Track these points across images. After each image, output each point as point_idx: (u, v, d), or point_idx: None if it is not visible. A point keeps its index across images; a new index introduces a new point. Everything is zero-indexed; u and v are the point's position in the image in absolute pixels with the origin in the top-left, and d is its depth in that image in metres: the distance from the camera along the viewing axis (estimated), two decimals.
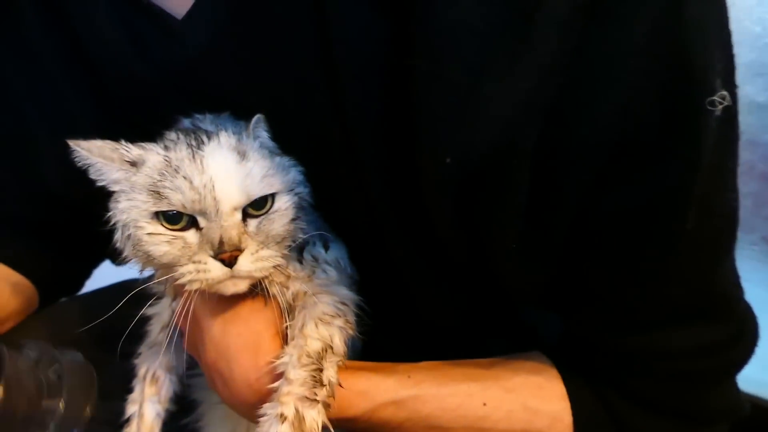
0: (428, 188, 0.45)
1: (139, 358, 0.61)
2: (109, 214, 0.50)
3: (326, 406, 0.46)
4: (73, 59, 0.56)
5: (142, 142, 0.49)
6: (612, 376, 0.52)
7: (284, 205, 0.49)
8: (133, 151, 0.48)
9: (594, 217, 0.43)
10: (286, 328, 0.50)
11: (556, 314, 0.57)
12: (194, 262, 0.46)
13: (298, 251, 0.53)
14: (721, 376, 0.52)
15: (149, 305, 0.58)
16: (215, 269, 0.45)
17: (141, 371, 0.61)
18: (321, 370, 0.47)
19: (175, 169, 0.46)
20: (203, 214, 0.46)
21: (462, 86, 0.39)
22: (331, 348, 0.48)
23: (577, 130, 0.39)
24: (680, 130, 0.39)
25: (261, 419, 0.46)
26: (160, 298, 0.59)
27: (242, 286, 0.47)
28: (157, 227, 0.47)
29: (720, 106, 0.38)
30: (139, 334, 0.61)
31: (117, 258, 0.78)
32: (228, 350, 0.50)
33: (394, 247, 0.52)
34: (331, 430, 0.46)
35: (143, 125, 0.51)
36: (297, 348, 0.47)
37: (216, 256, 0.45)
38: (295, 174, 0.51)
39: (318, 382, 0.46)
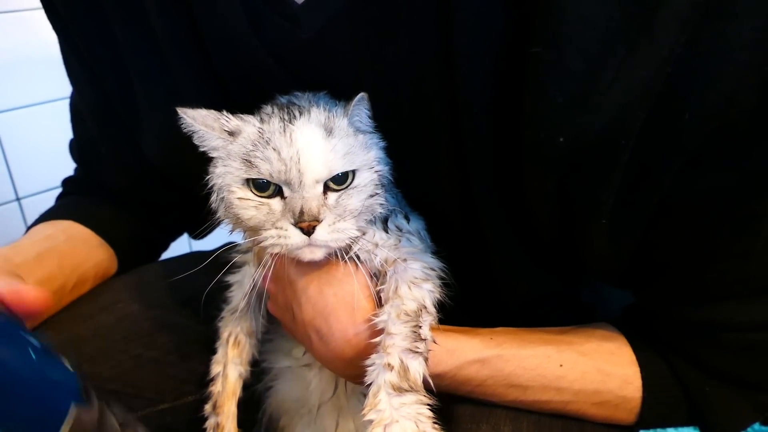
0: (534, 166, 0.48)
1: (222, 322, 0.66)
2: (207, 177, 0.55)
3: (425, 359, 0.49)
4: (186, 38, 0.59)
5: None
6: (680, 344, 0.55)
7: (363, 181, 0.52)
8: (232, 121, 0.52)
9: (682, 196, 0.45)
10: (377, 291, 0.53)
11: (617, 292, 0.61)
12: (276, 228, 0.49)
13: (383, 222, 0.56)
14: None
15: (231, 273, 0.64)
16: (294, 236, 0.49)
17: (224, 335, 0.65)
18: (419, 327, 0.49)
19: (267, 141, 0.49)
20: (288, 184, 0.49)
21: (581, 74, 0.42)
22: (425, 308, 0.51)
23: (681, 115, 0.42)
24: None
25: (369, 368, 0.49)
26: (241, 266, 0.64)
27: (318, 254, 0.51)
28: (247, 193, 0.51)
29: None
30: (215, 301, 0.66)
31: (194, 231, 0.82)
32: (326, 308, 0.53)
33: (487, 226, 0.55)
34: (431, 382, 0.48)
35: (245, 103, 0.55)
36: (394, 307, 0.50)
37: (296, 224, 0.48)
38: (377, 152, 0.53)
39: (417, 336, 0.49)
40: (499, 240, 0.56)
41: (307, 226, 0.48)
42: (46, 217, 0.75)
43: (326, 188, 0.51)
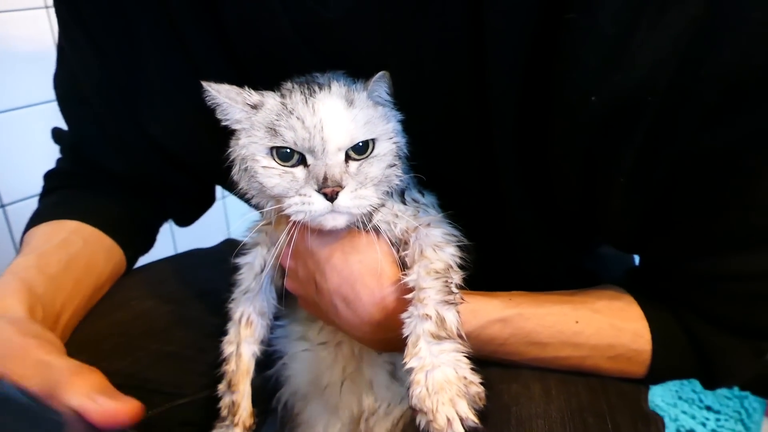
0: (564, 128, 0.50)
1: (233, 303, 0.66)
2: (229, 150, 0.56)
3: (458, 312, 0.51)
4: (208, 19, 0.61)
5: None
6: (687, 297, 0.58)
7: (383, 151, 0.54)
8: (254, 95, 0.54)
9: (693, 152, 0.48)
10: (401, 257, 0.56)
11: (615, 261, 0.65)
12: (300, 195, 0.51)
13: (399, 195, 0.58)
14: None
15: (242, 255, 0.65)
16: (318, 202, 0.51)
17: (236, 315, 0.66)
18: (449, 281, 0.52)
19: (290, 111, 0.51)
20: (311, 152, 0.51)
21: (614, 37, 0.45)
22: (452, 267, 0.53)
23: (699, 74, 0.45)
24: None
25: (406, 320, 0.51)
26: (251, 248, 0.65)
27: (340, 221, 0.52)
28: (271, 162, 0.52)
29: None
30: (228, 294, 0.67)
31: (183, 218, 0.85)
32: (351, 275, 0.55)
33: (507, 196, 0.57)
34: (464, 336, 0.50)
35: (264, 84, 0.57)
36: (423, 267, 0.52)
37: (320, 190, 0.50)
38: (395, 124, 0.55)
39: (449, 290, 0.51)
40: (518, 210, 0.58)
41: (330, 191, 0.50)
42: (46, 216, 0.74)
43: (347, 158, 0.53)
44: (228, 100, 0.54)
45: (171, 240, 0.88)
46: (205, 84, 0.54)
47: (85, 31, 0.68)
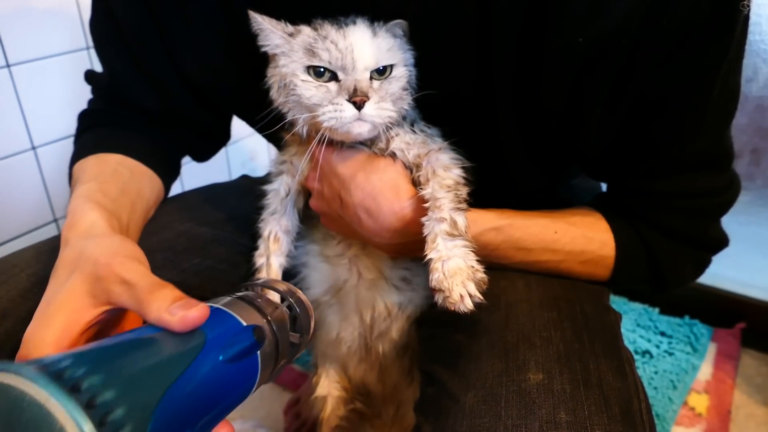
0: (555, 66, 0.59)
1: (262, 223, 0.76)
2: (267, 76, 0.66)
3: (466, 218, 0.60)
4: None
5: None
6: (644, 212, 0.70)
7: (399, 74, 0.64)
8: (290, 27, 0.64)
9: (652, 87, 0.58)
10: (413, 179, 0.65)
11: (584, 190, 0.77)
12: (333, 104, 0.60)
13: (410, 125, 0.68)
14: (720, 212, 0.70)
15: (268, 183, 0.75)
16: (348, 110, 0.60)
17: (265, 232, 0.75)
18: (459, 193, 0.61)
19: (325, 37, 0.61)
20: (343, 69, 0.61)
21: None
22: (459, 183, 0.63)
23: (661, 21, 0.54)
24: (723, 24, 0.54)
25: (426, 223, 0.60)
26: (276, 177, 0.75)
27: (365, 128, 0.61)
28: (308, 77, 0.62)
29: (746, 9, 0.55)
30: (247, 222, 0.77)
31: (201, 155, 0.95)
32: (374, 190, 0.64)
33: (502, 127, 0.67)
34: (470, 240, 0.59)
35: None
36: (436, 182, 0.62)
37: (350, 99, 0.60)
38: (408, 55, 0.65)
39: (459, 200, 0.61)
40: (511, 139, 0.68)
41: (359, 100, 0.60)
42: (92, 150, 0.80)
43: (370, 77, 0.62)
44: (271, 27, 0.63)
45: (179, 182, 0.98)
46: (251, 13, 0.63)
47: None
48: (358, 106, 0.60)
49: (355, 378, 0.88)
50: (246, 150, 1.80)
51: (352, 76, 0.61)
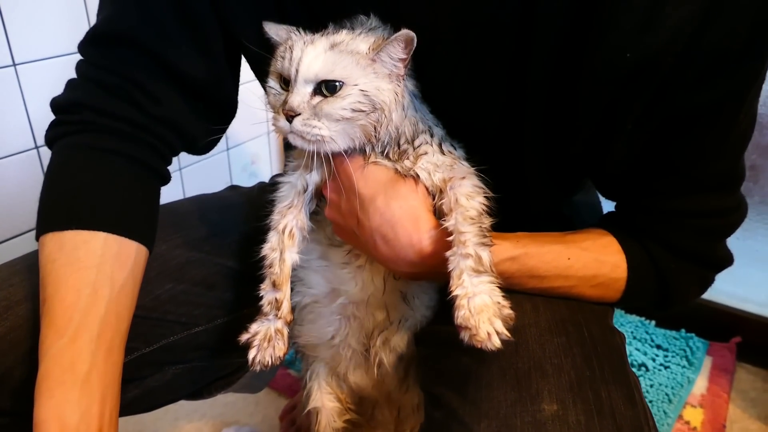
0: (595, 78, 0.59)
1: (277, 216, 0.72)
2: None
3: (491, 252, 0.59)
4: None
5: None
6: (655, 231, 0.70)
7: (347, 94, 0.60)
8: (284, 33, 0.65)
9: (683, 107, 0.59)
10: (436, 205, 0.63)
11: (586, 208, 0.77)
12: (277, 112, 0.62)
13: (438, 146, 0.66)
14: (728, 232, 0.70)
15: (285, 175, 0.73)
16: (281, 121, 0.61)
17: (280, 226, 0.72)
18: (483, 226, 0.60)
19: (290, 48, 0.62)
20: (289, 80, 0.62)
21: (646, 8, 0.55)
22: (482, 213, 0.62)
23: (701, 42, 0.55)
24: (756, 48, 0.55)
25: (450, 258, 0.59)
26: (293, 171, 0.72)
27: (298, 141, 0.62)
28: (272, 82, 0.65)
29: None
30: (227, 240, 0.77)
31: (198, 148, 0.83)
32: (393, 218, 0.62)
33: (530, 143, 0.66)
34: (496, 276, 0.58)
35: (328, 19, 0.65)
36: (459, 214, 0.60)
37: (283, 112, 0.61)
38: (388, 84, 0.62)
39: (484, 234, 0.60)
40: (534, 159, 0.68)
41: (286, 114, 0.61)
42: (65, 218, 0.66)
43: (318, 92, 0.61)
44: (275, 36, 0.66)
45: (180, 185, 0.96)
46: (264, 24, 0.66)
47: None
48: (289, 120, 0.61)
49: (349, 383, 0.87)
50: (248, 153, 1.79)
51: (293, 88, 0.62)
